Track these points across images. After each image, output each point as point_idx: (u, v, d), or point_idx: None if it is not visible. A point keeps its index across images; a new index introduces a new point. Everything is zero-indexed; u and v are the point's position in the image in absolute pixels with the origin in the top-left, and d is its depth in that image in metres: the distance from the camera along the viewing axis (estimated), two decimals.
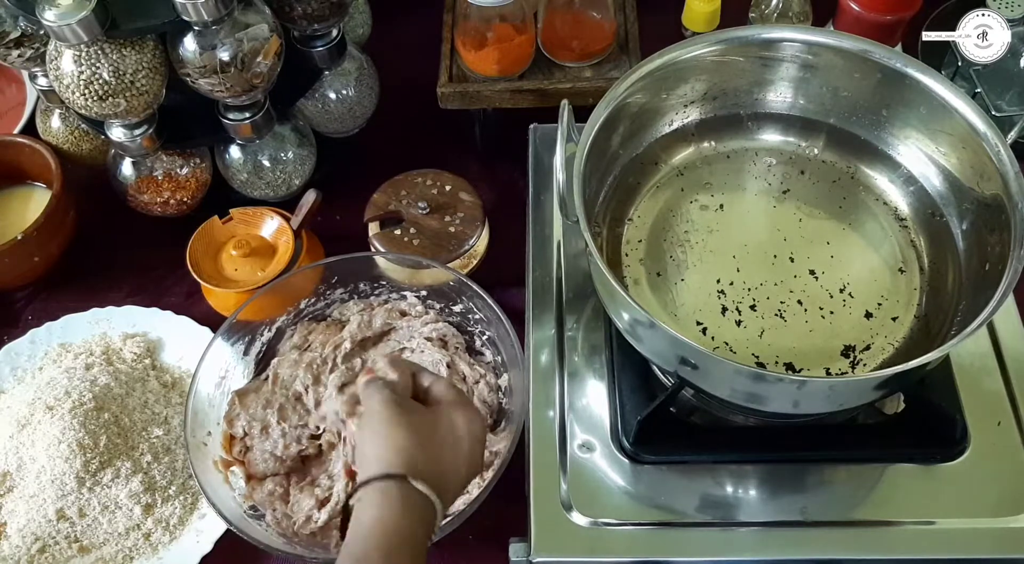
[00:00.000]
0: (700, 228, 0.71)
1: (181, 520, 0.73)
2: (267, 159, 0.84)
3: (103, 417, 0.74)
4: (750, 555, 0.62)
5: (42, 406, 0.74)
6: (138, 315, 0.85)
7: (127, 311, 0.85)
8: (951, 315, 0.64)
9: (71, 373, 0.78)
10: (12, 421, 0.75)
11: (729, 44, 0.69)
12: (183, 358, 0.82)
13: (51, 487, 0.71)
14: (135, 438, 0.75)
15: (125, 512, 0.72)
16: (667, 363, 0.62)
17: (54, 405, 0.74)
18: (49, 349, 0.83)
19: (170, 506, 0.73)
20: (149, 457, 0.74)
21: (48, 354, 0.83)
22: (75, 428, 0.72)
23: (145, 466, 0.74)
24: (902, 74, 0.67)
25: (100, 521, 0.72)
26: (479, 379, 0.77)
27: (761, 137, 0.75)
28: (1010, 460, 0.64)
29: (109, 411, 0.75)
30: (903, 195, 0.72)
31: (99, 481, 0.72)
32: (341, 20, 0.81)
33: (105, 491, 0.72)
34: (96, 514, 0.72)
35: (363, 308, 0.81)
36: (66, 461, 0.72)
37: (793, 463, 0.65)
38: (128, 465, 0.73)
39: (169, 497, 0.74)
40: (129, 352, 0.82)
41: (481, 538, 0.70)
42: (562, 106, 0.64)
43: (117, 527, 0.72)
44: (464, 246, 0.81)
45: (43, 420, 0.73)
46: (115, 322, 0.85)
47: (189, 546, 0.72)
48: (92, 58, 0.68)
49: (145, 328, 0.84)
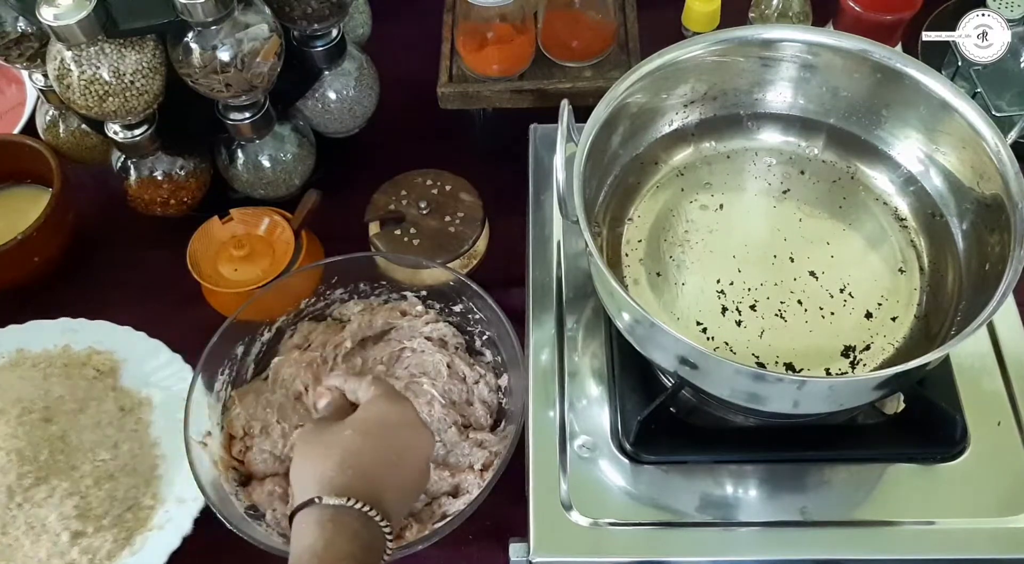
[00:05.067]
0: (700, 228, 0.71)
1: (110, 555, 0.69)
2: (267, 159, 0.84)
3: (50, 429, 0.70)
4: (750, 555, 0.62)
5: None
6: (108, 332, 0.81)
7: (98, 326, 0.81)
8: (951, 315, 0.65)
9: (26, 380, 0.74)
10: None
11: (729, 44, 0.69)
12: (148, 384, 0.79)
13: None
14: (79, 458, 0.71)
15: (51, 536, 0.67)
16: (667, 363, 0.62)
17: (2, 409, 0.70)
18: (6, 352, 0.79)
19: (101, 538, 0.69)
20: (90, 481, 0.70)
21: (4, 356, 0.79)
22: (18, 436, 0.68)
23: (83, 490, 0.69)
24: (902, 74, 0.67)
25: (22, 542, 0.67)
26: (479, 379, 0.77)
27: (761, 137, 0.75)
28: (1010, 460, 0.64)
29: (58, 424, 0.71)
30: (903, 195, 0.72)
31: (30, 498, 0.67)
32: (341, 20, 0.81)
33: (35, 510, 0.67)
34: (19, 534, 0.67)
35: (363, 308, 0.81)
36: (1, 471, 0.67)
37: (793, 463, 0.65)
38: (65, 485, 0.69)
39: (102, 528, 0.69)
40: (92, 369, 0.78)
41: (481, 538, 0.70)
42: (562, 106, 0.64)
43: (39, 552, 0.67)
44: (464, 246, 0.81)
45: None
46: (83, 336, 0.81)
47: None
48: (92, 58, 0.68)
49: (113, 347, 0.80)
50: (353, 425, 0.57)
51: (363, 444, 0.55)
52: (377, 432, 0.57)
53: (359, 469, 0.54)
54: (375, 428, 0.57)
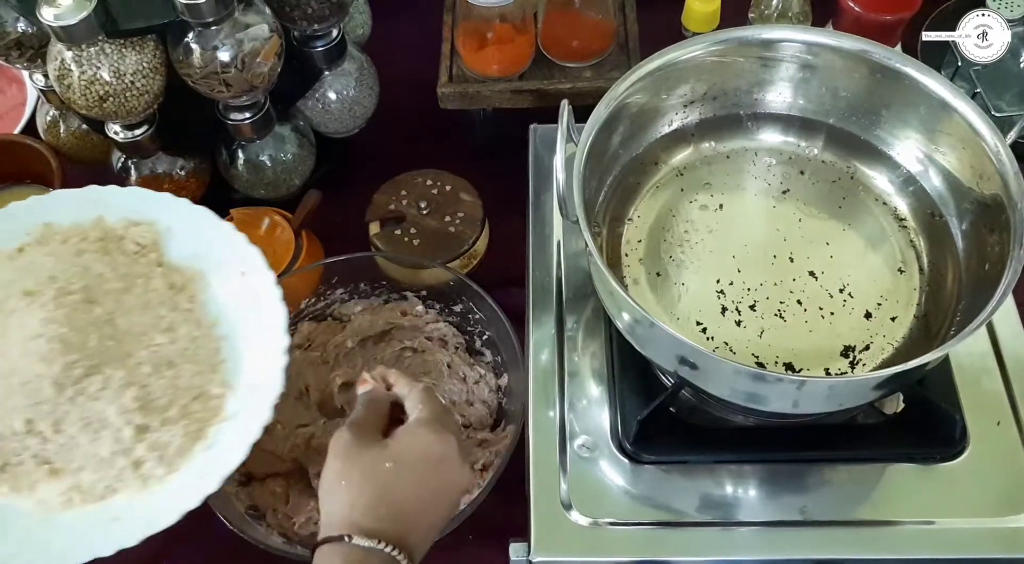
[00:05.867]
0: (700, 228, 0.71)
1: (181, 450, 0.60)
2: (267, 159, 0.84)
3: (94, 312, 0.61)
4: (750, 555, 0.62)
5: (19, 291, 0.61)
6: (145, 199, 0.70)
7: (132, 192, 0.71)
8: (951, 315, 0.65)
9: (58, 257, 0.64)
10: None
11: (729, 44, 0.70)
12: (197, 255, 0.68)
13: (21, 392, 0.58)
14: (132, 344, 0.61)
15: (112, 432, 0.59)
16: (667, 363, 0.62)
17: (34, 290, 0.61)
18: (31, 227, 0.68)
19: (168, 432, 0.60)
20: (148, 368, 0.61)
21: (30, 233, 0.68)
22: (59, 321, 0.59)
23: (142, 379, 0.60)
24: (902, 74, 0.67)
25: (79, 440, 0.59)
26: (479, 379, 0.77)
27: (761, 137, 0.75)
28: (1010, 460, 0.64)
29: (103, 306, 0.61)
30: (903, 195, 0.72)
31: (83, 390, 0.59)
32: (341, 20, 0.81)
33: (90, 404, 0.59)
34: (75, 431, 0.59)
35: (364, 308, 0.81)
36: (44, 361, 0.58)
37: (793, 463, 0.65)
38: (121, 374, 0.60)
39: (168, 420, 0.60)
40: (131, 242, 0.68)
41: (481, 538, 0.70)
42: (562, 106, 0.64)
43: (100, 450, 0.59)
44: (464, 246, 0.81)
45: (19, 308, 0.60)
46: (115, 205, 0.69)
47: (190, 483, 0.59)
48: (92, 58, 0.68)
49: (152, 215, 0.69)
50: (394, 457, 0.55)
51: (401, 481, 0.54)
52: (417, 469, 0.55)
53: (393, 508, 0.53)
54: (416, 464, 0.55)
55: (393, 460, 0.55)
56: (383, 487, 0.54)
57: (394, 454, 0.55)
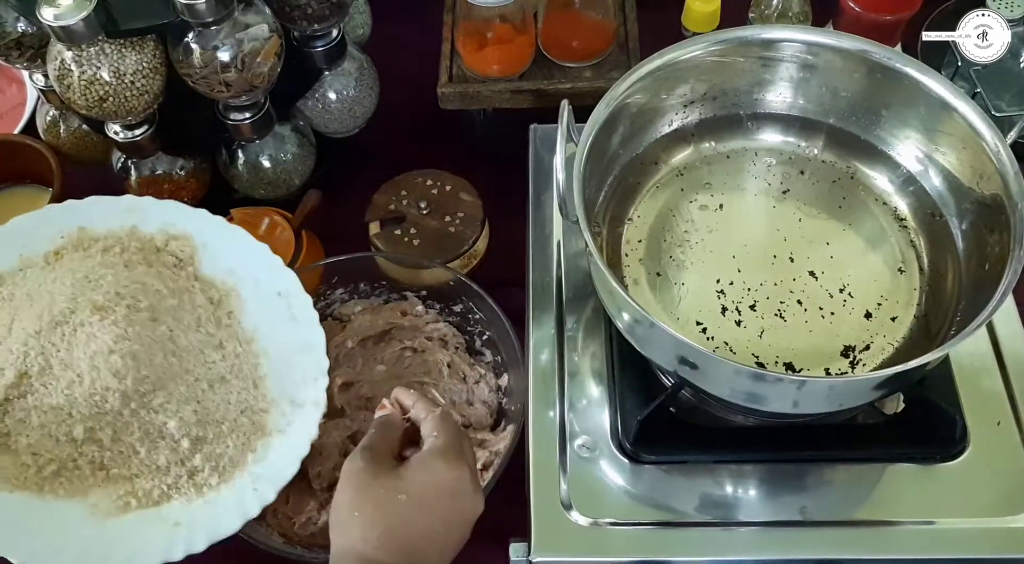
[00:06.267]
0: (700, 228, 0.71)
1: (233, 461, 0.63)
2: (267, 159, 0.84)
3: (159, 330, 0.63)
4: (750, 555, 0.62)
5: (87, 304, 0.62)
6: (180, 213, 0.71)
7: (168, 207, 0.71)
8: (951, 315, 0.65)
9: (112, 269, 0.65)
10: (41, 315, 0.62)
11: (729, 44, 0.69)
12: (231, 272, 0.70)
13: (85, 402, 0.60)
14: (190, 360, 0.64)
15: (170, 443, 0.62)
16: (667, 363, 0.62)
17: (105, 306, 0.62)
18: (65, 231, 0.69)
19: (222, 444, 0.63)
20: (204, 384, 0.64)
21: (64, 236, 0.68)
22: (131, 338, 0.61)
23: (199, 394, 0.63)
24: (902, 74, 0.67)
25: (137, 449, 0.61)
26: (479, 379, 0.77)
27: (761, 137, 0.75)
28: (1010, 460, 0.64)
29: (165, 324, 0.63)
30: (903, 195, 0.72)
31: (146, 404, 0.61)
32: (341, 20, 0.81)
33: (151, 416, 0.61)
34: (133, 441, 0.61)
35: (364, 308, 0.81)
36: (115, 375, 0.60)
37: (793, 463, 0.65)
38: (182, 389, 0.62)
39: (221, 434, 0.63)
40: (170, 255, 0.69)
41: (481, 538, 0.70)
42: (562, 106, 0.64)
43: (157, 459, 0.62)
44: (464, 246, 0.81)
45: (90, 322, 0.61)
46: (152, 216, 0.70)
47: (244, 492, 0.62)
48: (92, 58, 0.68)
49: (188, 229, 0.71)
50: (408, 489, 0.54)
51: (415, 515, 0.53)
52: (431, 502, 0.54)
53: (405, 541, 0.53)
54: (430, 497, 0.54)
55: (407, 492, 0.54)
56: (396, 520, 0.53)
57: (408, 486, 0.54)
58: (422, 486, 0.54)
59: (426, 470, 0.55)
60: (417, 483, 0.55)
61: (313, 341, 0.69)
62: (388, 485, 0.54)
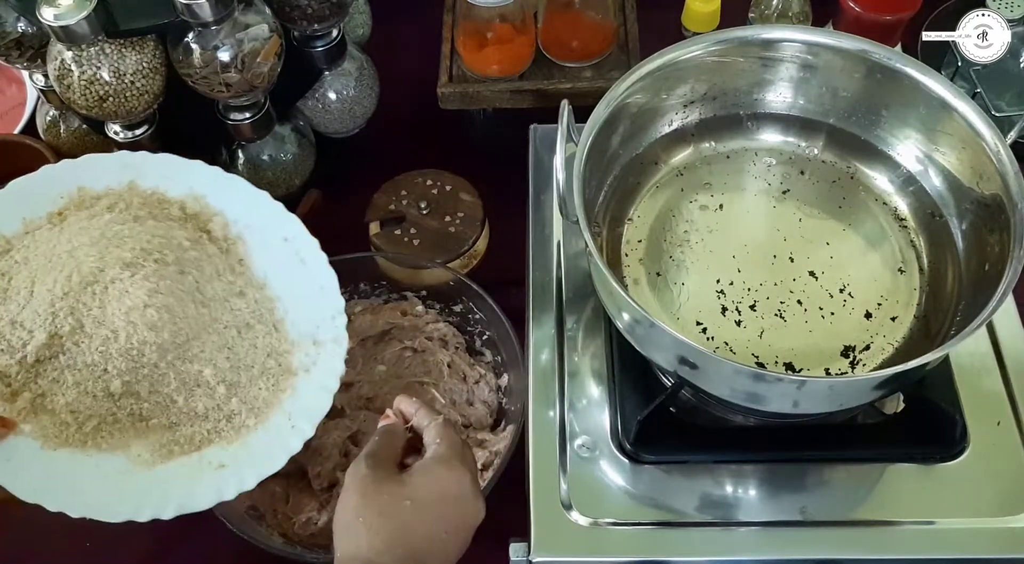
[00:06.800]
0: (700, 228, 0.71)
1: (267, 402, 0.65)
2: (267, 159, 0.84)
3: (187, 281, 0.64)
4: (750, 555, 0.62)
5: (116, 262, 0.62)
6: (177, 166, 0.71)
7: (163, 160, 0.71)
8: (951, 315, 0.65)
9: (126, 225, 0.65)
10: (70, 276, 0.61)
11: (729, 44, 0.69)
12: (235, 222, 0.71)
13: (121, 358, 0.60)
14: (218, 309, 0.65)
15: (206, 390, 0.63)
16: (667, 363, 0.62)
17: (134, 262, 0.62)
18: (64, 191, 0.68)
19: (255, 387, 0.65)
20: (234, 332, 0.65)
21: (64, 196, 0.68)
22: (163, 291, 0.61)
23: (230, 341, 0.65)
24: (902, 74, 0.67)
25: (175, 400, 0.63)
26: (479, 379, 0.77)
27: (761, 137, 0.75)
28: (1010, 460, 0.64)
29: (191, 275, 0.64)
30: (903, 195, 0.72)
31: (182, 356, 0.62)
32: (341, 20, 0.81)
33: (187, 367, 0.63)
34: (170, 391, 0.62)
35: (363, 308, 0.81)
36: (152, 329, 0.61)
37: (793, 463, 0.65)
38: (215, 338, 0.64)
39: (254, 377, 0.65)
40: (178, 209, 0.70)
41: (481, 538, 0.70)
42: (562, 106, 0.64)
43: (195, 406, 0.63)
44: (464, 246, 0.81)
45: (121, 279, 0.61)
46: (148, 170, 0.70)
47: (283, 430, 0.64)
48: (92, 58, 0.68)
49: (187, 182, 0.71)
50: (412, 495, 0.54)
51: (419, 520, 0.54)
52: (435, 508, 0.55)
53: (409, 547, 0.53)
54: (434, 503, 0.55)
55: (411, 498, 0.54)
56: (400, 526, 0.53)
57: (412, 492, 0.55)
58: (425, 492, 0.55)
59: (429, 476, 0.55)
60: (420, 489, 0.55)
61: (325, 283, 0.70)
62: (392, 491, 0.54)
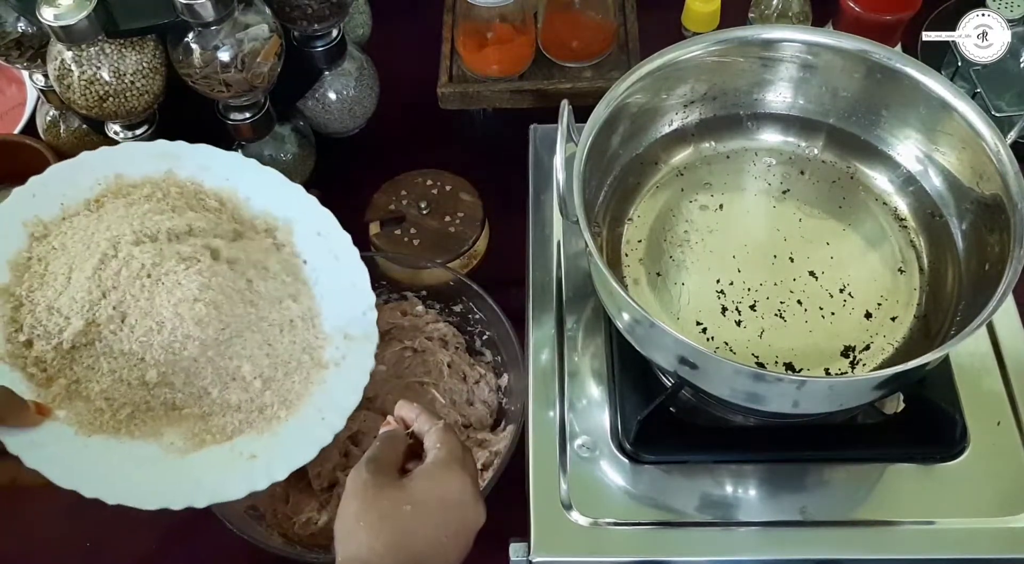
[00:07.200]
0: (700, 228, 0.71)
1: (299, 395, 0.65)
2: (267, 159, 0.84)
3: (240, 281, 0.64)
4: (750, 555, 0.62)
5: (174, 255, 0.62)
6: (214, 156, 0.71)
7: (201, 150, 0.71)
8: (951, 315, 0.65)
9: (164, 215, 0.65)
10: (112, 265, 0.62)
11: (729, 44, 0.69)
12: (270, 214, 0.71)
13: (161, 349, 0.61)
14: (267, 308, 0.65)
15: (242, 384, 0.64)
16: (667, 363, 0.62)
17: (189, 256, 0.63)
18: (102, 177, 0.68)
19: (289, 380, 0.66)
20: (277, 330, 0.66)
21: (101, 183, 0.68)
22: (214, 288, 0.62)
23: (272, 339, 0.65)
24: (902, 74, 0.67)
25: (209, 392, 0.63)
26: (479, 379, 0.77)
27: (761, 137, 0.75)
28: (1010, 460, 0.64)
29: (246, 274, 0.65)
30: (903, 195, 0.72)
31: (223, 352, 0.63)
32: (341, 20, 0.81)
33: (226, 363, 0.63)
34: (205, 384, 0.63)
35: None
36: (199, 324, 0.61)
37: (793, 463, 0.65)
38: (258, 338, 0.64)
39: (289, 372, 0.66)
40: (213, 199, 0.69)
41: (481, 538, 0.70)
42: (562, 106, 0.64)
43: (229, 398, 0.63)
44: (464, 246, 0.81)
45: (174, 271, 0.62)
46: (186, 160, 0.70)
47: (313, 423, 0.64)
48: (92, 58, 0.68)
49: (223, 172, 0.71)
50: (413, 499, 0.54)
51: (420, 525, 0.54)
52: (436, 512, 0.55)
53: (410, 551, 0.53)
54: (435, 507, 0.55)
55: (412, 503, 0.54)
56: (401, 530, 0.53)
57: (413, 497, 0.54)
58: (426, 496, 0.55)
59: (430, 481, 0.55)
60: (421, 493, 0.55)
61: (356, 279, 0.71)
62: (393, 496, 0.54)
